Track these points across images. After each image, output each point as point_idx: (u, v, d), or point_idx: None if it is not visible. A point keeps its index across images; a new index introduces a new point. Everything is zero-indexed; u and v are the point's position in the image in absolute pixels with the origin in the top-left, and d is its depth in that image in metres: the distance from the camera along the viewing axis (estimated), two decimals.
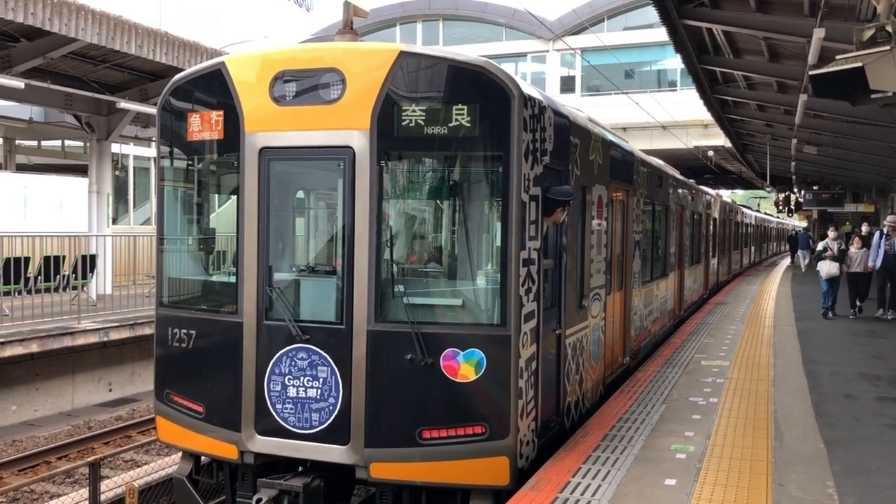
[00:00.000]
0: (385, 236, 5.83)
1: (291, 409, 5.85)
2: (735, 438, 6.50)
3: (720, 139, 32.47)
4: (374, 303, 5.69)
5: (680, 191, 13.96)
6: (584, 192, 7.31)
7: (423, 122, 5.65)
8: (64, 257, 14.48)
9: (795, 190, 37.75)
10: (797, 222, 60.26)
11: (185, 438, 6.34)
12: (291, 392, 5.84)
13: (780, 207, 41.56)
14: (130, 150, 24.63)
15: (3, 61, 13.70)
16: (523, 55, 43.02)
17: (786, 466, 5.76)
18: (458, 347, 5.55)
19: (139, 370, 14.91)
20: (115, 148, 20.08)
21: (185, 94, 6.46)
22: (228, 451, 6.06)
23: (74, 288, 14.13)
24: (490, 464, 5.51)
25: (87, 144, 19.28)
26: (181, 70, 15.13)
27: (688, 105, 36.95)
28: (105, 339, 13.10)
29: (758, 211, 49.02)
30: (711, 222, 19.07)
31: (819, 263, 15.49)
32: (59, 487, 9.37)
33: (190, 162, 6.67)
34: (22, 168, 23.18)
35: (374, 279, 5.70)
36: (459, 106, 5.61)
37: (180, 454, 6.80)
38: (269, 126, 5.99)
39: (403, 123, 5.68)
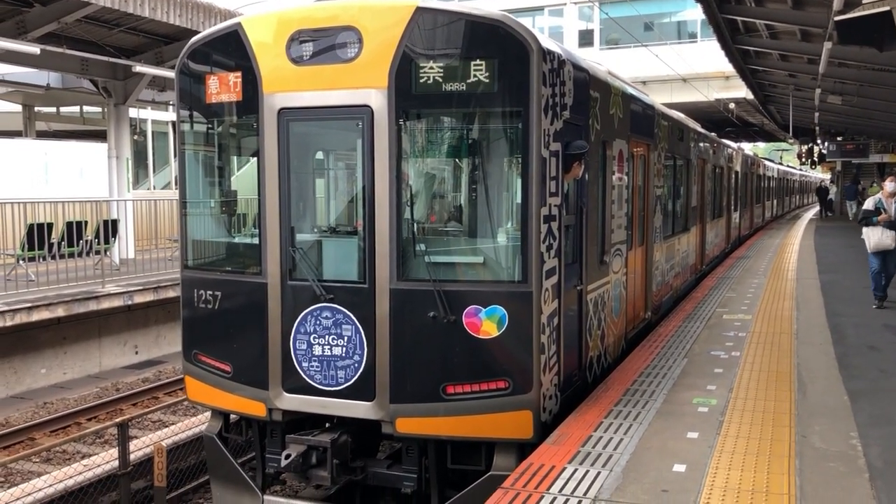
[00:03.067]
0: (405, 195, 5.78)
1: (317, 366, 5.92)
2: (758, 391, 6.48)
3: (742, 91, 31.91)
4: (396, 262, 5.70)
5: (701, 144, 13.78)
6: (604, 147, 7.23)
7: (441, 79, 5.57)
8: (86, 222, 14.60)
9: (819, 141, 37.14)
10: (821, 174, 59.44)
11: (214, 397, 6.45)
12: (317, 350, 5.91)
13: (803, 159, 40.94)
14: (148, 114, 24.65)
15: (18, 27, 13.68)
16: (540, 9, 42.29)
17: (809, 419, 5.75)
18: (480, 304, 5.57)
19: (164, 332, 15.10)
20: (133, 113, 20.10)
21: (203, 56, 6.43)
22: (257, 409, 6.16)
23: (97, 253, 14.27)
24: (514, 418, 5.56)
25: (105, 110, 19.30)
26: (196, 32, 15.11)
27: (709, 57, 36.24)
28: (129, 302, 13.25)
29: (780, 163, 48.40)
30: (733, 176, 18.88)
31: (866, 230, 10.73)
32: (90, 448, 9.57)
33: (210, 125, 6.66)
34: (42, 135, 23.30)
35: (396, 238, 5.70)
36: (478, 61, 5.52)
37: (208, 413, 6.87)
38: (287, 86, 5.94)
39: (421, 81, 5.60)
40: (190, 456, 8.67)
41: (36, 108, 22.92)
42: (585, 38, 41.19)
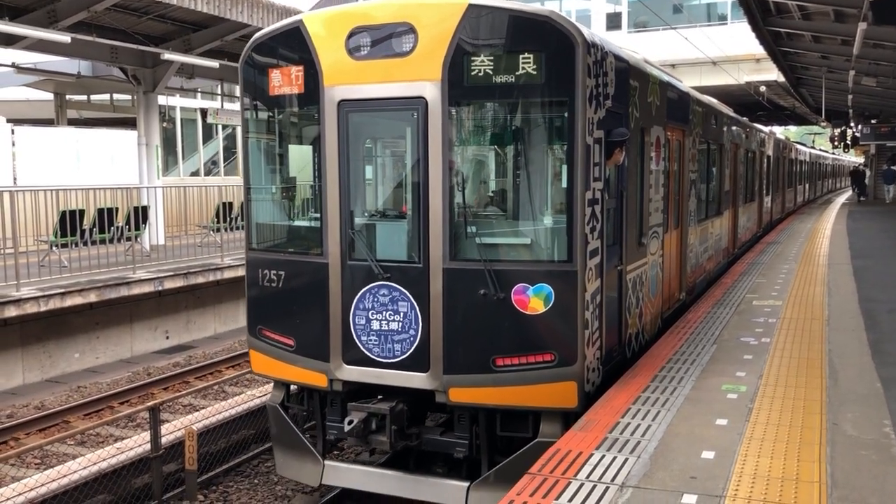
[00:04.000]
0: (457, 181, 6.16)
1: (375, 340, 6.35)
2: (788, 378, 6.41)
3: (773, 74, 31.44)
4: (449, 243, 6.08)
5: (734, 129, 13.88)
6: (642, 134, 7.48)
7: (491, 72, 5.91)
8: (117, 209, 14.79)
9: (852, 124, 36.50)
10: (854, 158, 58.46)
11: (277, 369, 6.88)
12: (375, 325, 6.33)
13: (836, 143, 40.29)
14: (177, 101, 24.84)
15: (49, 16, 13.83)
16: None
17: (841, 406, 5.68)
18: (527, 282, 5.94)
19: (194, 318, 15.29)
20: (162, 100, 20.27)
21: (266, 51, 6.79)
22: (318, 380, 6.58)
23: (128, 239, 14.45)
24: (559, 388, 5.95)
25: (135, 97, 19.48)
26: (223, 19, 15.20)
27: (739, 39, 35.71)
28: (160, 288, 13.42)
29: (812, 147, 47.68)
30: (765, 160, 18.95)
31: None
32: (122, 431, 9.73)
33: (272, 115, 7.10)
34: (73, 122, 23.59)
35: (448, 221, 6.08)
36: (526, 55, 5.84)
37: (236, 398, 7.00)
38: (346, 79, 6.31)
39: (473, 73, 5.94)
40: (220, 440, 8.79)
41: (67, 97, 23.20)
42: (613, 22, 40.77)
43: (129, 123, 21.94)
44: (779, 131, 42.03)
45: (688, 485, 4.34)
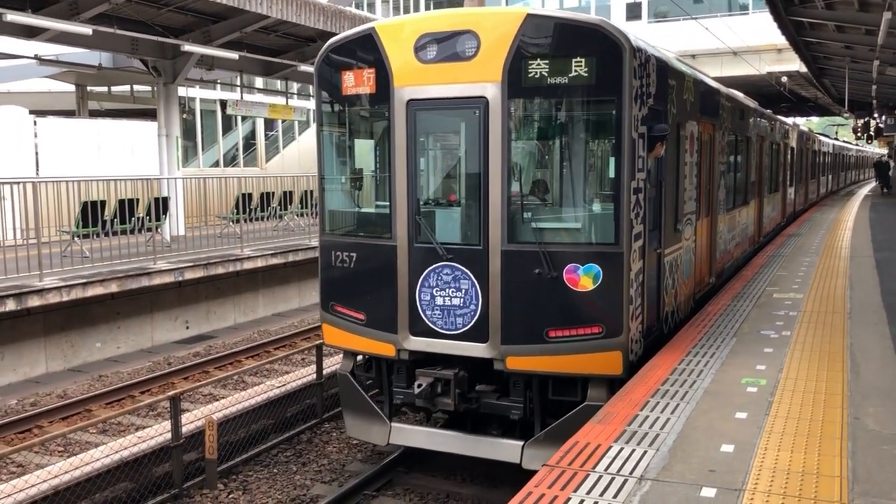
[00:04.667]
0: (514, 172, 6.87)
1: (439, 314, 7.05)
2: (809, 372, 6.37)
3: (795, 64, 31.10)
4: (506, 227, 6.76)
5: (759, 122, 14.33)
6: (678, 129, 8.10)
7: (546, 74, 6.57)
8: (138, 200, 14.90)
9: (875, 115, 36.04)
10: (877, 149, 57.75)
11: (349, 341, 7.63)
12: (439, 301, 7.04)
13: (859, 134, 39.80)
14: (196, 93, 24.96)
15: (71, 8, 13.92)
16: None
17: (862, 400, 5.63)
18: (578, 263, 6.62)
19: (214, 308, 15.40)
20: (182, 91, 20.37)
21: (340, 54, 7.49)
22: (387, 350, 7.31)
23: (149, 230, 14.55)
24: (606, 357, 6.62)
25: (155, 88, 19.59)
26: (242, 10, 15.24)
27: (760, 29, 35.32)
28: (180, 278, 13.52)
29: (835, 139, 47.23)
30: (789, 152, 19.31)
31: None
32: (143, 420, 9.84)
33: (345, 112, 7.80)
34: (94, 114, 23.75)
35: (506, 208, 6.76)
36: (578, 59, 6.49)
37: (259, 387, 7.05)
38: (414, 81, 6.99)
39: (530, 75, 6.61)
40: (240, 429, 8.86)
41: (88, 88, 23.36)
42: (633, 12, 40.48)
43: (150, 115, 22.07)
44: (801, 122, 41.58)
45: (707, 478, 4.33)
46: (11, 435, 9.31)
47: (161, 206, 15.14)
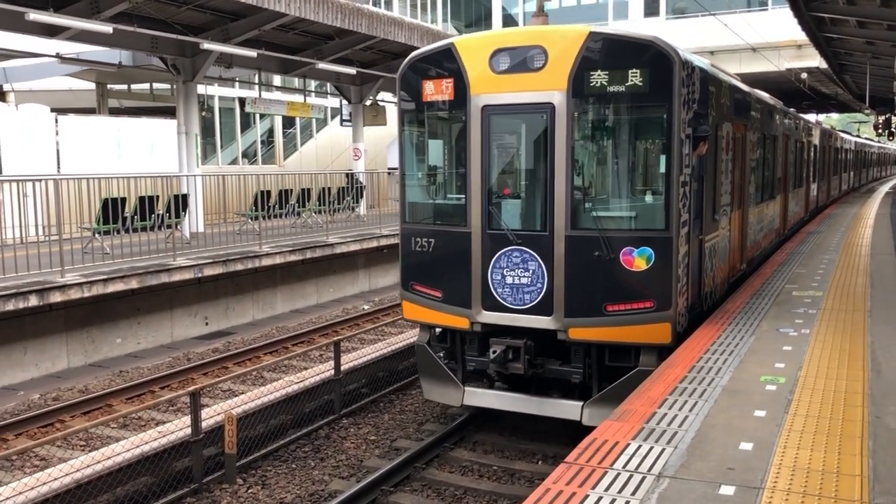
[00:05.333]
0: (576, 168, 7.80)
1: (509, 292, 8.06)
2: (829, 370, 6.33)
3: (815, 60, 30.82)
4: (569, 216, 7.75)
5: (785, 121, 15.23)
6: (716, 129, 8.97)
7: (606, 83, 7.53)
8: (157, 197, 15.01)
9: None
10: None
11: (426, 315, 8.68)
12: (509, 280, 8.05)
13: (880, 130, 39.37)
14: (215, 90, 25.12)
15: (92, 6, 14.05)
16: None
17: (883, 399, 5.59)
18: (632, 246, 7.60)
19: (233, 304, 15.50)
20: (201, 89, 20.49)
21: (422, 66, 8.50)
22: (462, 323, 8.36)
23: (168, 226, 14.67)
24: (657, 328, 7.60)
25: (174, 86, 19.72)
26: (259, 9, 15.30)
27: (780, 25, 34.99)
28: (199, 275, 13.63)
29: (857, 136, 46.90)
30: (812, 149, 20.10)
31: None
32: (163, 415, 9.93)
33: (425, 116, 8.77)
34: (114, 112, 23.96)
35: (569, 199, 7.74)
36: (634, 70, 7.44)
37: (276, 383, 7.04)
38: (488, 89, 8.02)
39: (591, 84, 7.58)
40: (258, 424, 8.92)
41: (108, 86, 23.56)
42: (651, 8, 40.22)
43: (169, 112, 22.23)
44: (821, 119, 41.24)
45: (725, 476, 4.32)
46: (34, 429, 9.43)
47: (181, 203, 15.25)
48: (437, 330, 8.88)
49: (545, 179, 7.88)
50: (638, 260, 7.58)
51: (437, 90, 8.36)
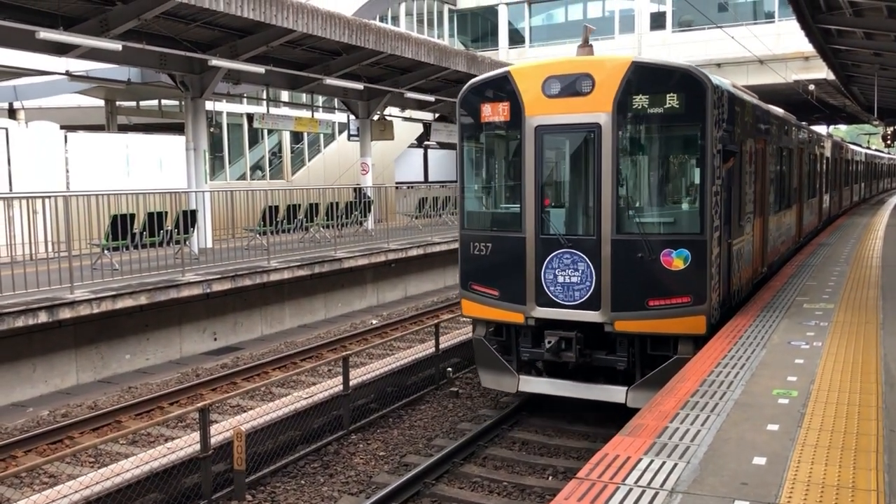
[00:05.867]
0: (621, 179, 8.83)
1: (560, 290, 9.04)
2: (842, 383, 6.28)
3: (822, 72, 30.80)
4: (615, 222, 8.74)
5: (800, 135, 16.33)
6: (741, 145, 9.84)
7: (646, 105, 8.57)
8: (166, 213, 15.06)
9: None
10: None
11: (483, 312, 9.64)
12: (560, 279, 9.03)
13: (889, 141, 39.26)
14: (223, 107, 25.23)
15: (102, 25, 14.15)
16: None
17: None
18: (671, 248, 8.57)
19: (241, 320, 15.50)
20: (209, 105, 20.60)
21: (480, 90, 9.58)
22: (517, 318, 9.32)
23: (177, 242, 14.70)
24: (693, 321, 8.55)
25: (183, 103, 19.82)
26: (269, 25, 15.44)
27: (787, 37, 35.02)
28: (208, 290, 13.64)
29: (867, 147, 47.04)
30: (824, 161, 21.18)
31: None
32: (173, 431, 9.91)
33: (482, 135, 9.81)
34: (123, 128, 24.10)
35: (615, 207, 8.74)
36: (671, 94, 8.48)
37: (285, 398, 6.96)
38: (541, 111, 9.06)
39: (634, 106, 8.61)
40: (267, 441, 8.89)
41: (117, 103, 23.70)
42: (657, 21, 40.32)
43: (177, 128, 22.34)
44: (829, 130, 41.18)
45: (739, 491, 4.27)
46: (44, 446, 9.42)
47: (189, 219, 15.29)
48: (491, 328, 9.90)
49: (592, 189, 8.91)
50: (676, 260, 8.56)
51: (494, 112, 9.42)
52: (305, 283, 16.96)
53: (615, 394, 9.08)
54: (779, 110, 14.03)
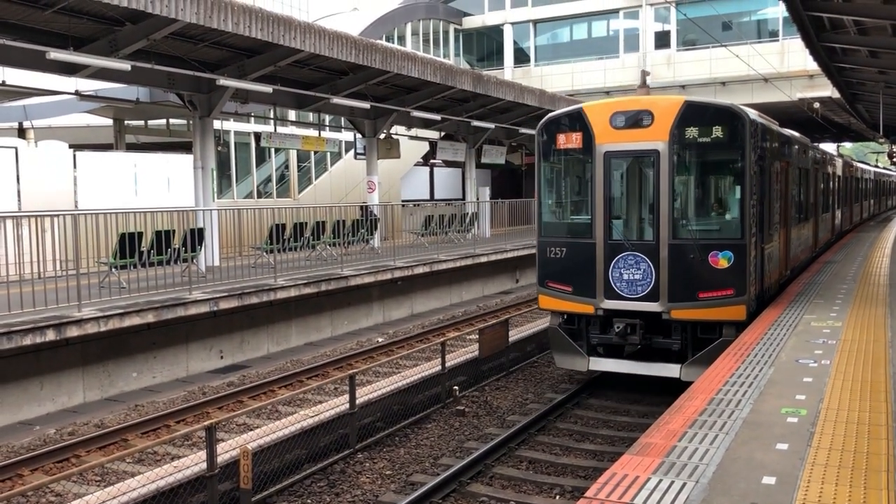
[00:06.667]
0: (676, 194, 10.84)
1: (625, 285, 11.01)
2: (851, 402, 6.25)
3: (827, 90, 30.84)
4: (671, 229, 10.72)
5: (815, 155, 18.41)
6: (770, 166, 11.76)
7: (696, 136, 10.61)
8: (174, 231, 15.11)
9: None
10: None
11: (558, 304, 11.67)
12: (625, 276, 11.00)
13: (894, 158, 39.22)
14: (231, 125, 25.36)
15: (111, 45, 14.28)
16: (615, 12, 41.81)
17: None
18: (717, 250, 10.54)
19: (248, 338, 15.51)
20: (217, 125, 20.72)
21: (557, 122, 11.64)
22: (588, 309, 11.31)
23: (185, 260, 14.74)
24: (735, 309, 10.49)
25: (191, 122, 19.94)
26: (277, 45, 15.61)
27: (791, 55, 35.15)
28: (215, 308, 13.66)
29: (876, 165, 47.63)
30: (836, 179, 23.14)
31: None
32: (179, 449, 9.89)
33: (558, 160, 12.01)
34: (131, 147, 24.22)
35: (671, 216, 10.73)
36: (717, 126, 10.53)
37: (289, 418, 6.94)
38: (609, 140, 11.10)
39: (686, 136, 10.66)
40: (274, 459, 8.87)
41: (125, 122, 23.85)
42: (662, 40, 40.48)
43: (185, 147, 22.45)
44: (833, 148, 41.23)
45: None
46: (50, 464, 9.42)
47: (196, 237, 15.34)
48: (563, 319, 11.80)
49: (653, 203, 10.86)
50: (722, 260, 10.48)
51: (568, 140, 11.47)
52: (312, 300, 16.97)
53: (671, 370, 10.99)
54: (796, 134, 15.89)
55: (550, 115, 11.74)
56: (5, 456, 9.67)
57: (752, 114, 10.96)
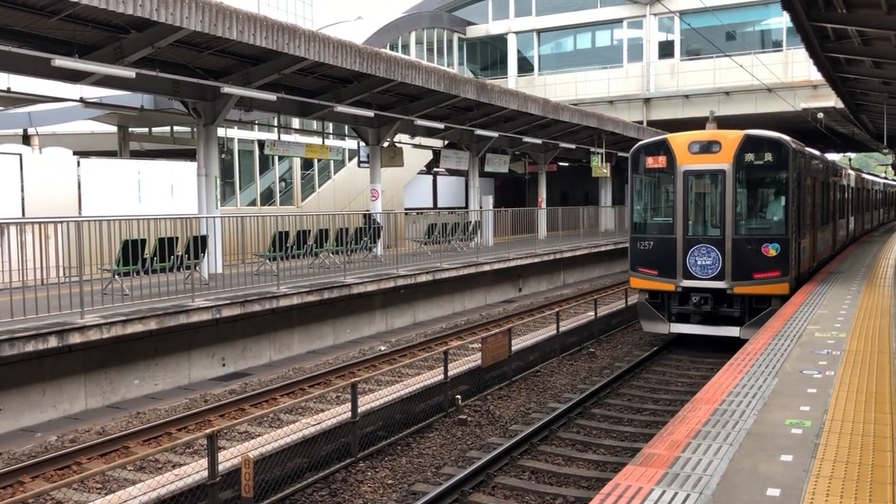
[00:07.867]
0: (738, 202, 14.82)
1: (699, 269, 15.08)
2: (855, 413, 6.22)
3: (831, 100, 30.86)
4: (734, 227, 14.83)
5: (833, 169, 22.06)
6: (803, 181, 15.50)
7: (753, 159, 14.79)
8: (177, 238, 15.10)
9: None
10: None
11: (646, 283, 15.84)
12: (699, 262, 15.07)
13: None
14: (235, 133, 25.42)
15: (116, 52, 14.32)
16: (619, 21, 41.91)
17: None
18: (769, 243, 14.53)
19: (250, 345, 15.49)
20: (221, 132, 20.76)
21: (647, 147, 15.92)
22: (670, 287, 15.42)
23: (188, 268, 14.73)
24: (781, 286, 14.42)
25: (195, 129, 19.98)
26: (281, 53, 15.68)
27: (795, 65, 35.18)
28: (217, 316, 13.64)
29: (885, 177, 49.27)
30: (849, 190, 26.58)
31: None
32: (180, 457, 9.86)
33: (646, 177, 16.19)
34: (135, 154, 24.29)
35: (734, 218, 14.83)
36: (767, 153, 14.74)
37: (293, 426, 6.91)
38: (687, 161, 15.29)
39: (745, 160, 14.79)
40: (275, 467, 8.84)
41: (130, 129, 23.92)
42: (666, 50, 40.55)
43: (189, 155, 22.50)
44: (836, 158, 41.31)
45: None
46: (51, 471, 9.39)
47: (200, 245, 15.33)
48: (646, 295, 15.88)
49: (721, 209, 14.96)
50: (771, 250, 14.45)
51: (655, 162, 15.65)
52: (314, 308, 16.96)
53: (732, 331, 14.88)
54: (820, 153, 20.44)
55: (640, 142, 16.16)
56: (7, 463, 9.65)
57: (793, 142, 15.06)
